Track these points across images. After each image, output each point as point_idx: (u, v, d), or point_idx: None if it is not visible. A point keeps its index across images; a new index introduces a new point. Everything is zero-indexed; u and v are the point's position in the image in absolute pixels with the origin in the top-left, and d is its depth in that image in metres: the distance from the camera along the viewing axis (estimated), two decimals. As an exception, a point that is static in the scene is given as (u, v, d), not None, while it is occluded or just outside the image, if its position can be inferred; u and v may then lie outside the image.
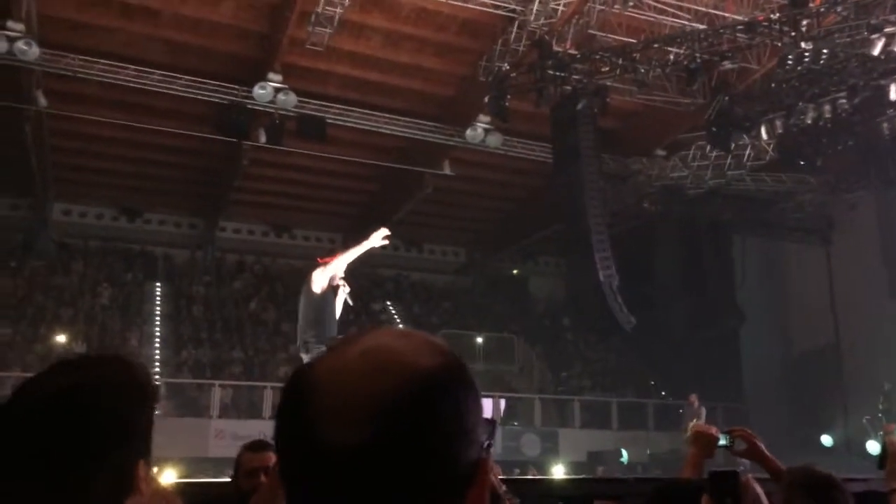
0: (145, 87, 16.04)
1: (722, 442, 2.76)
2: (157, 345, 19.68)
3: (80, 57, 15.44)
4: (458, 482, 0.79)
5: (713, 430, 2.84)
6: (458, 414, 0.80)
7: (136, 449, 1.14)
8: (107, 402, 1.13)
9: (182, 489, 3.82)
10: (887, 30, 13.25)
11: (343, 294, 7.09)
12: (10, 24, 14.19)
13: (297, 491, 0.79)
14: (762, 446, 2.92)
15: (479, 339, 21.99)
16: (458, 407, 0.80)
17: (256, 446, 3.40)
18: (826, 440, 18.37)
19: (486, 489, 0.82)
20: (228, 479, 3.59)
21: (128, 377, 1.18)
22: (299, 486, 0.79)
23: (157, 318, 20.84)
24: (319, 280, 6.87)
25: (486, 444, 0.83)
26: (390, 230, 7.30)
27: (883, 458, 2.89)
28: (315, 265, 7.12)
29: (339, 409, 0.77)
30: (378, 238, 7.11)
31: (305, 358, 6.78)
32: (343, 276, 7.09)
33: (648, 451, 18.72)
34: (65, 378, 1.15)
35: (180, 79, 16.15)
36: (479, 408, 0.83)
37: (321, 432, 0.76)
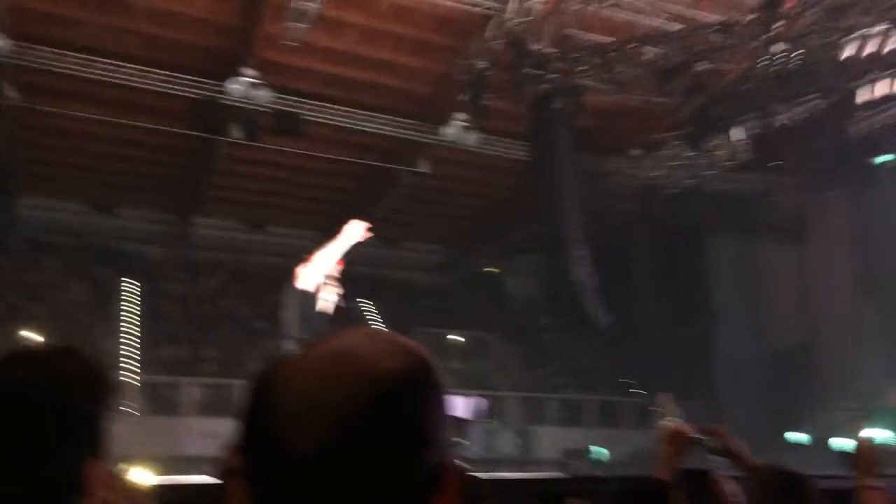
0: (118, 81, 15.84)
1: (697, 440, 2.76)
2: (131, 342, 19.45)
3: (52, 50, 15.21)
4: (421, 487, 0.78)
5: (688, 428, 2.84)
6: (419, 418, 0.78)
7: (85, 447, 1.09)
8: (51, 396, 1.08)
9: (161, 489, 3.77)
10: (859, 32, 13.43)
11: (331, 295, 6.96)
12: (-22, 16, 13.97)
13: (259, 494, 0.78)
14: (736, 444, 2.93)
15: (456, 337, 21.99)
16: (420, 410, 0.78)
17: None
18: (798, 437, 18.60)
19: (454, 494, 0.80)
20: (212, 479, 3.59)
21: (77, 371, 1.14)
22: (261, 490, 0.78)
23: (131, 316, 20.59)
24: (303, 278, 6.79)
25: (453, 445, 0.82)
26: (367, 227, 7.16)
27: (853, 456, 2.91)
28: (301, 262, 7.03)
29: (297, 413, 0.76)
30: (357, 232, 6.99)
31: None
32: (337, 276, 6.98)
33: (624, 449, 18.83)
34: (9, 372, 1.12)
35: (154, 73, 15.97)
36: (445, 411, 0.82)
37: (281, 437, 0.75)
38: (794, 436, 18.57)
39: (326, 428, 0.74)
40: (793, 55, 13.81)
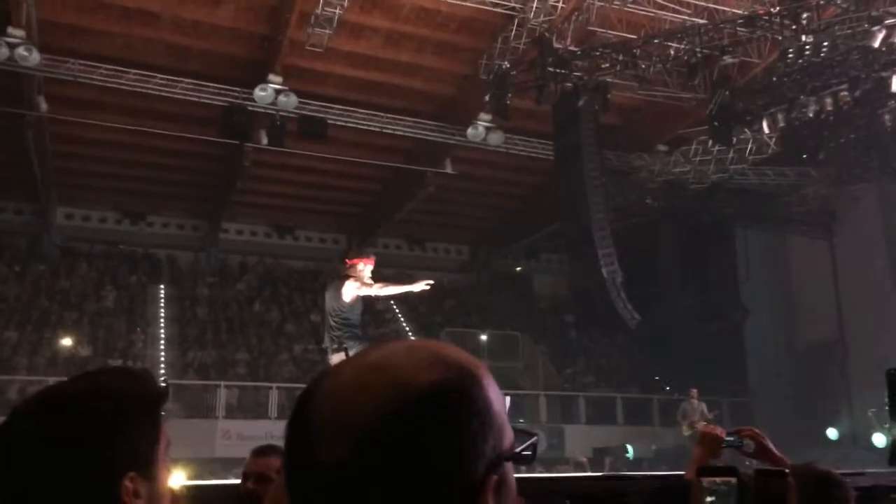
0: (146, 91, 16.07)
1: (729, 443, 2.73)
2: (162, 347, 19.72)
3: (81, 62, 15.47)
4: (448, 502, 0.75)
5: (719, 429, 2.81)
6: (449, 433, 0.75)
7: (128, 462, 1.10)
8: (94, 412, 1.10)
9: (191, 492, 3.84)
10: (888, 22, 13.22)
11: (370, 291, 7.31)
12: (10, 30, 14.24)
13: (294, 500, 0.79)
14: (771, 446, 2.89)
15: (484, 337, 22.01)
16: (451, 426, 0.76)
17: (259, 451, 3.45)
18: (831, 433, 18.35)
19: None
20: (238, 482, 3.67)
21: (122, 385, 1.15)
22: (295, 497, 0.79)
23: (162, 321, 20.88)
24: (349, 292, 7.02)
25: (502, 461, 0.79)
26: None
27: (894, 452, 2.87)
28: (343, 267, 7.28)
29: (326, 423, 0.77)
30: (421, 286, 7.19)
31: (335, 357, 7.00)
32: (370, 275, 7.24)
33: (654, 447, 18.72)
34: (61, 386, 1.15)
35: (181, 82, 16.18)
36: (484, 426, 0.78)
37: (311, 445, 0.77)
38: (828, 432, 18.32)
39: (350, 438, 0.74)
40: (820, 46, 13.63)
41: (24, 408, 1.13)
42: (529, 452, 0.84)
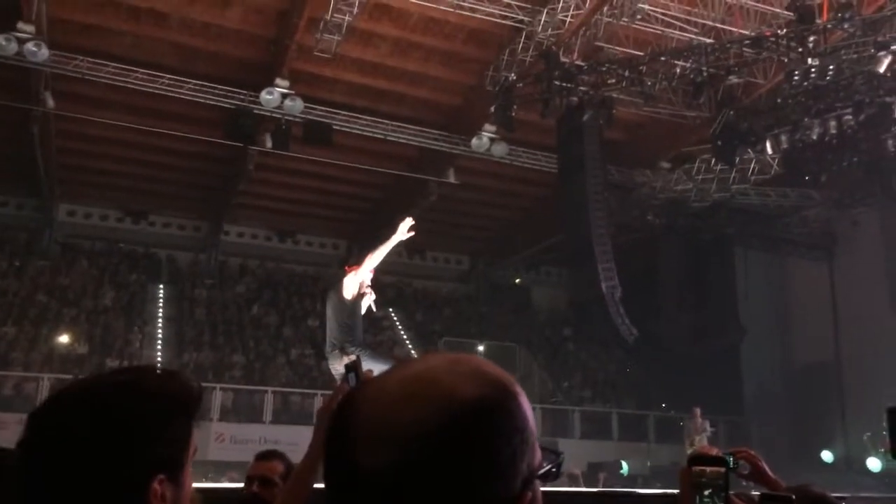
0: (153, 91, 16.11)
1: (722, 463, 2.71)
2: (159, 346, 19.70)
3: (89, 59, 15.51)
4: None
5: (714, 451, 2.79)
6: (490, 448, 0.77)
7: (157, 463, 1.09)
8: (136, 408, 1.10)
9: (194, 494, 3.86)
10: (894, 47, 13.28)
11: (368, 301, 7.13)
12: (20, 25, 14.29)
13: None
14: (766, 468, 2.88)
15: (481, 348, 21.99)
16: (492, 441, 0.77)
17: (263, 455, 3.49)
18: (826, 456, 18.31)
19: None
20: (240, 485, 3.71)
21: (161, 385, 1.15)
22: (335, 502, 0.80)
23: (160, 320, 20.87)
24: (350, 286, 6.91)
25: (534, 477, 0.81)
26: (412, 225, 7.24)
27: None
28: (343, 274, 7.18)
29: (369, 430, 0.78)
30: (404, 230, 7.00)
31: (336, 362, 6.92)
32: (370, 284, 7.12)
33: (649, 463, 18.67)
34: (105, 380, 1.15)
35: (188, 83, 16.22)
36: (523, 443, 0.80)
37: (353, 452, 0.77)
38: (822, 455, 18.28)
39: (393, 447, 0.75)
40: (826, 70, 13.68)
41: (63, 399, 1.12)
42: (555, 470, 0.87)
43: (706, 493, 1.25)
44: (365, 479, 0.76)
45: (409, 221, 7.00)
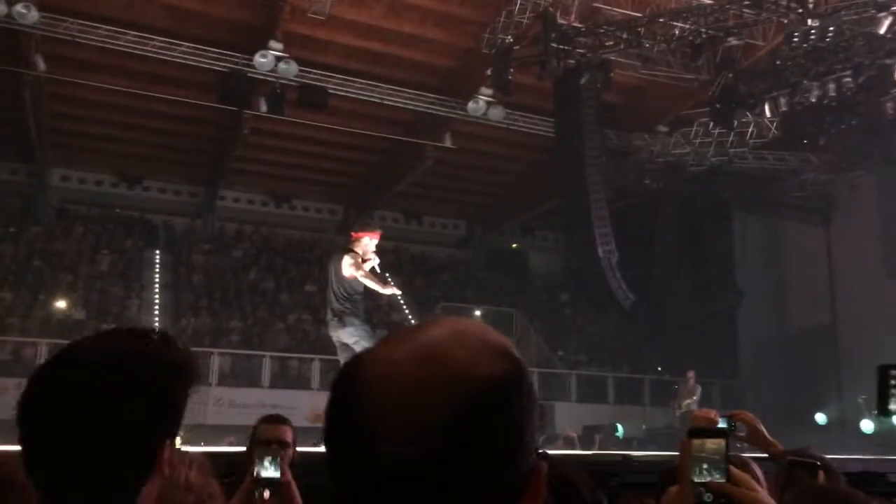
0: (145, 54, 15.91)
1: (722, 426, 2.71)
2: (157, 312, 19.72)
3: (80, 21, 15.29)
4: (511, 493, 0.76)
5: (713, 413, 2.80)
6: (514, 426, 0.76)
7: (165, 428, 1.13)
8: (147, 374, 1.13)
9: (219, 459, 3.88)
10: (894, 8, 13.13)
11: (372, 264, 7.36)
12: (9, -14, 14.05)
13: (346, 500, 0.77)
14: (764, 430, 2.88)
15: (478, 313, 22.03)
16: (516, 420, 0.76)
17: (273, 419, 3.54)
18: (820, 418, 18.49)
19: (541, 497, 0.79)
20: (243, 449, 3.76)
21: (167, 352, 1.17)
22: (348, 497, 0.77)
23: (157, 286, 20.86)
24: (349, 268, 7.11)
25: (539, 448, 0.80)
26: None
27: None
28: (348, 240, 7.36)
29: (388, 421, 0.74)
30: (391, 291, 7.74)
31: (337, 327, 7.08)
32: (374, 250, 7.37)
33: (644, 426, 18.86)
34: (110, 344, 1.16)
35: (181, 45, 16.01)
36: (536, 415, 0.79)
37: (369, 445, 0.74)
38: (816, 417, 18.47)
39: (420, 437, 0.72)
40: (826, 31, 13.53)
41: (73, 363, 1.13)
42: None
43: (705, 466, 1.23)
44: (387, 473, 0.73)
45: (398, 292, 8.04)
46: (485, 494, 0.74)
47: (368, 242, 7.31)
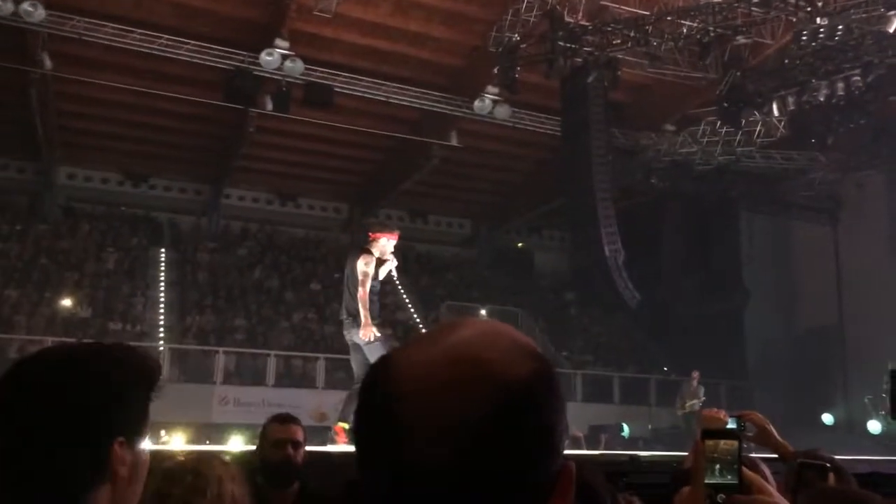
0: (151, 52, 15.91)
1: (731, 426, 2.68)
2: (162, 310, 19.74)
3: (86, 19, 15.30)
4: (540, 494, 0.76)
5: (721, 413, 2.78)
6: (546, 428, 0.76)
7: (117, 429, 1.12)
8: (95, 367, 1.14)
9: (235, 459, 3.87)
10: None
11: (390, 266, 7.16)
12: (15, -16, 14.07)
13: (377, 501, 0.77)
14: (773, 430, 2.85)
15: (483, 312, 21.99)
16: (547, 421, 0.77)
17: (283, 419, 3.54)
18: (827, 419, 18.41)
19: (570, 497, 0.79)
20: (253, 448, 3.79)
21: (126, 355, 1.19)
22: (379, 498, 0.76)
23: (162, 284, 20.88)
24: (363, 270, 6.91)
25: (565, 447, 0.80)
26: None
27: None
28: (366, 240, 7.18)
29: (419, 423, 0.73)
30: (372, 336, 6.91)
31: (350, 327, 6.89)
32: (392, 251, 7.13)
33: (650, 426, 18.79)
34: (67, 345, 1.20)
35: (187, 43, 16.01)
36: (565, 416, 0.80)
37: (401, 447, 0.74)
38: (823, 417, 18.39)
39: (453, 440, 0.72)
40: (834, 30, 13.45)
41: (35, 359, 1.16)
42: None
43: (717, 467, 1.21)
44: (419, 475, 0.73)
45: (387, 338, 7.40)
46: (515, 495, 0.74)
47: (386, 243, 7.06)
